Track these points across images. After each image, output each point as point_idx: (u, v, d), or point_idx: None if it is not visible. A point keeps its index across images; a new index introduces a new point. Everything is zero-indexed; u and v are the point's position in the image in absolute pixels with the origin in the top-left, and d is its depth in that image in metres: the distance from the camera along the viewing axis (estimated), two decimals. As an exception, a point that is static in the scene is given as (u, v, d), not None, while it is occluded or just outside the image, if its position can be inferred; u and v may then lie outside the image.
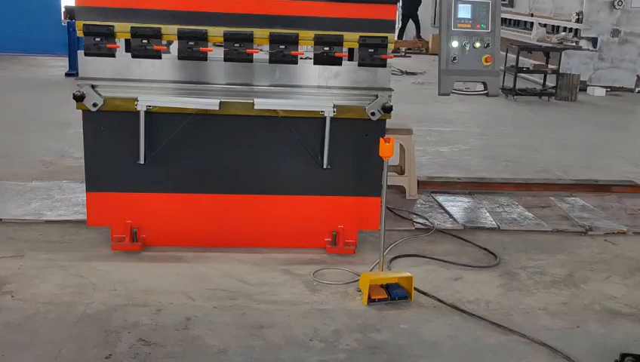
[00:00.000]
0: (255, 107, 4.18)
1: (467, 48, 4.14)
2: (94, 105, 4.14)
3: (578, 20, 13.26)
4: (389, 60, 4.28)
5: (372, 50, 4.21)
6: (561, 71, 12.19)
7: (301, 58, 4.23)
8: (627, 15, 13.16)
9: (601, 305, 4.02)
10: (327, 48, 4.19)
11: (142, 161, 4.22)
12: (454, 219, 5.36)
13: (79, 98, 4.11)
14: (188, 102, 4.18)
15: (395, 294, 3.87)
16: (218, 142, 4.34)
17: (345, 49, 4.25)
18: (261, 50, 4.21)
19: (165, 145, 4.25)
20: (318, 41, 4.18)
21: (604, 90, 12.92)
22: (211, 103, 4.16)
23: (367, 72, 4.28)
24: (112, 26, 4.05)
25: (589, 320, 3.83)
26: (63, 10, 13.29)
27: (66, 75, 11.90)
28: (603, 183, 6.48)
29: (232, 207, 4.44)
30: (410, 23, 19.73)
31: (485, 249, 4.80)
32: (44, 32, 12.83)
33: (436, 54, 4.47)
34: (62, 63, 12.61)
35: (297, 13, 4.14)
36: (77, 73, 4.23)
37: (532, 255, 4.76)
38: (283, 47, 4.15)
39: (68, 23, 12.23)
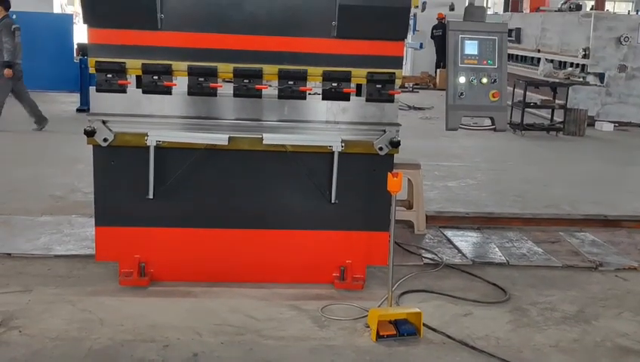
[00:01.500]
0: (264, 142, 4.21)
1: (474, 84, 4.18)
2: (105, 140, 4.18)
3: (585, 56, 13.34)
4: (396, 95, 4.31)
5: (380, 86, 4.25)
6: (568, 106, 12.23)
7: (309, 93, 4.27)
8: (634, 51, 13.24)
9: (612, 342, 3.97)
10: (335, 84, 4.23)
11: (151, 196, 4.24)
12: (463, 254, 5.34)
13: (90, 133, 4.16)
14: (197, 137, 4.21)
15: (403, 330, 3.83)
16: (227, 176, 4.36)
17: (353, 85, 4.28)
18: (270, 85, 4.26)
19: (174, 180, 4.27)
20: (327, 77, 4.22)
21: (612, 125, 12.94)
22: (220, 138, 4.19)
23: (375, 107, 4.31)
24: (124, 62, 4.11)
25: (600, 357, 3.78)
26: (75, 47, 13.49)
27: (78, 110, 12.03)
28: (612, 218, 6.44)
29: (239, 241, 4.44)
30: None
31: (495, 284, 4.77)
32: (56, 69, 13.02)
33: (444, 90, 4.50)
34: (73, 99, 12.76)
35: (306, 49, 4.19)
36: (88, 109, 4.29)
37: (542, 290, 4.72)
38: (292, 83, 4.20)
39: (80, 59, 12.40)
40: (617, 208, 7.02)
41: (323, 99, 4.29)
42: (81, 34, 12.00)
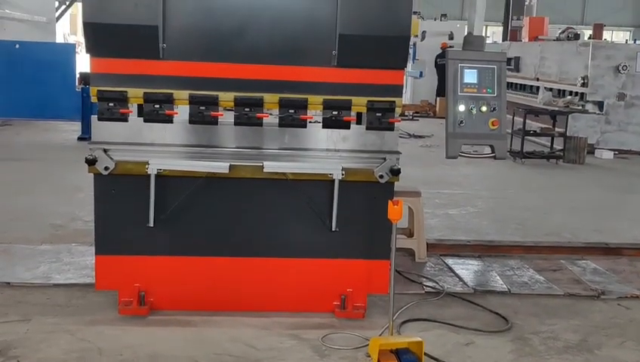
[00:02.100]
0: (264, 170, 4.22)
1: (474, 112, 4.20)
2: (106, 168, 4.19)
3: (584, 84, 13.42)
4: (396, 124, 4.33)
5: (380, 114, 4.27)
6: (568, 134, 12.27)
7: (310, 122, 4.29)
8: (632, 79, 13.32)
9: (616, 371, 3.93)
10: (335, 112, 4.25)
11: (151, 224, 4.23)
12: (464, 283, 5.31)
13: (91, 162, 4.17)
14: (198, 165, 4.22)
15: (405, 359, 3.79)
16: (227, 204, 4.36)
17: (353, 113, 4.31)
18: (270, 114, 4.28)
19: (175, 208, 4.27)
20: (327, 106, 4.25)
21: (612, 152, 12.96)
22: (221, 166, 4.20)
23: (375, 135, 4.33)
24: (126, 91, 4.14)
25: (604, 386, 3.74)
26: (77, 76, 13.58)
27: (79, 139, 12.07)
28: (614, 246, 6.43)
29: (240, 270, 4.42)
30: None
31: (496, 313, 4.74)
32: (58, 98, 13.09)
33: (443, 118, 4.52)
34: (75, 128, 12.82)
35: (306, 78, 4.22)
36: (89, 137, 4.30)
37: (544, 319, 4.69)
38: (292, 111, 4.22)
39: (82, 88, 12.48)
40: (618, 236, 7.00)
41: (323, 127, 4.31)
42: (83, 63, 12.10)
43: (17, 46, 13.55)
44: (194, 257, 4.40)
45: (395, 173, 4.32)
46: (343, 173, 4.26)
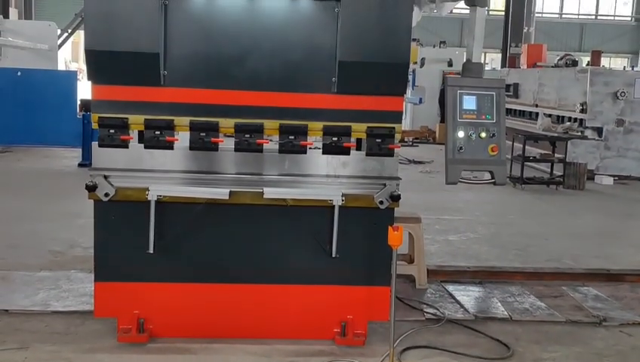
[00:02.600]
0: (264, 196, 4.22)
1: (473, 138, 4.21)
2: (106, 195, 4.19)
3: (582, 110, 13.47)
4: (396, 149, 4.34)
5: (380, 140, 4.28)
6: (567, 160, 12.29)
7: (310, 148, 4.30)
8: (630, 105, 13.38)
9: (619, 399, 3.89)
10: (335, 138, 4.27)
11: (151, 251, 4.22)
12: (465, 309, 5.28)
13: (91, 188, 4.17)
14: (198, 191, 4.22)
15: (406, 387, 3.76)
16: (227, 230, 4.35)
17: (353, 139, 4.32)
18: (271, 140, 4.29)
19: (174, 234, 4.26)
20: (327, 132, 4.26)
21: (612, 178, 12.97)
22: (221, 193, 4.20)
23: (375, 161, 4.34)
24: (126, 118, 4.16)
25: (607, 415, 3.70)
26: (78, 102, 13.65)
27: (79, 165, 12.10)
28: (615, 272, 6.40)
29: (239, 296, 4.40)
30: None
31: (498, 340, 4.70)
32: (59, 125, 13.14)
33: (443, 144, 4.54)
34: (75, 154, 12.85)
35: (306, 105, 4.24)
36: (90, 164, 4.31)
37: (546, 346, 4.65)
38: (292, 137, 4.23)
39: (83, 115, 12.54)
40: (620, 262, 6.98)
41: (323, 153, 4.32)
42: (84, 90, 12.16)
43: (19, 74, 13.63)
44: (193, 284, 4.38)
45: (395, 198, 4.32)
46: (343, 198, 4.26)
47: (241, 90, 4.19)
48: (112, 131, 4.16)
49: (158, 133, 4.17)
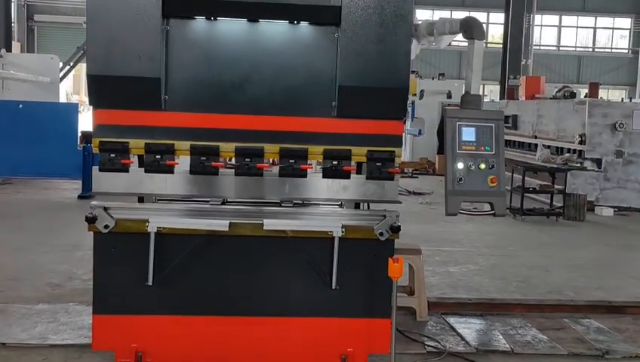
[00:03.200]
0: (264, 228, 4.21)
1: (472, 169, 4.22)
2: (106, 226, 4.19)
3: (581, 142, 13.52)
4: (396, 176, 4.34)
5: (380, 164, 4.29)
6: (567, 191, 12.29)
7: (310, 171, 4.30)
8: (629, 137, 13.44)
9: None
10: (335, 162, 4.27)
11: (150, 283, 4.20)
12: (466, 342, 5.24)
13: (91, 220, 4.16)
14: (198, 223, 4.21)
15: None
16: (227, 262, 4.33)
17: (353, 163, 4.33)
18: (271, 164, 4.30)
19: (174, 266, 4.24)
20: (327, 156, 4.26)
21: (612, 210, 12.96)
22: (221, 224, 4.20)
23: (376, 185, 4.34)
24: (127, 142, 4.17)
25: None
26: (79, 134, 13.71)
27: (79, 197, 12.10)
28: (617, 304, 6.36)
29: (239, 329, 4.36)
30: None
31: (500, 373, 4.66)
32: (59, 156, 13.18)
33: (442, 175, 4.54)
34: (75, 186, 12.86)
35: (307, 129, 4.25)
36: (90, 196, 4.31)
37: (548, 379, 4.60)
38: (293, 161, 4.24)
39: (84, 147, 12.58)
40: (621, 294, 6.94)
41: (324, 177, 4.32)
42: (85, 122, 12.22)
43: (21, 106, 13.72)
44: (192, 316, 4.34)
45: (395, 230, 4.31)
46: (343, 230, 4.25)
47: (242, 115, 4.21)
48: (112, 155, 4.17)
49: (158, 157, 4.18)
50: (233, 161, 4.29)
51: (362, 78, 4.14)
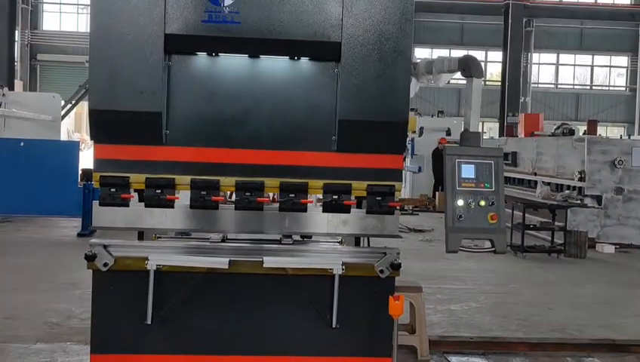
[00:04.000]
0: (264, 265, 4.19)
1: (472, 206, 4.22)
2: (105, 264, 4.16)
3: (581, 179, 13.54)
4: (396, 208, 4.33)
5: (380, 198, 4.29)
6: (568, 228, 12.26)
7: (310, 205, 4.30)
8: (629, 174, 13.47)
9: None
10: (335, 196, 4.27)
11: (149, 321, 4.16)
12: (469, 381, 5.17)
13: (90, 258, 4.14)
14: (197, 261, 4.19)
15: None
16: (226, 299, 4.30)
17: (353, 197, 4.32)
18: (272, 199, 4.29)
19: (173, 304, 4.21)
20: (327, 190, 4.26)
21: (613, 247, 12.91)
22: (220, 262, 4.18)
23: (376, 219, 4.33)
24: (128, 177, 4.17)
25: None
26: (80, 172, 13.74)
27: (79, 235, 12.08)
28: (620, 343, 6.30)
29: (238, 368, 4.31)
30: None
31: (503, 413, 4.59)
32: (59, 194, 13.19)
33: (442, 212, 4.54)
34: (75, 224, 12.85)
35: (307, 163, 4.25)
36: (89, 233, 4.31)
37: (552, 420, 4.53)
38: (293, 195, 4.24)
39: (84, 185, 12.59)
40: (624, 332, 6.87)
41: (324, 211, 4.31)
42: (86, 160, 12.27)
43: (22, 144, 13.78)
44: (191, 355, 4.29)
45: (396, 267, 4.29)
46: (344, 267, 4.23)
47: (242, 149, 4.22)
48: (112, 190, 4.17)
49: (158, 191, 4.18)
50: (233, 197, 4.30)
51: (362, 113, 4.17)
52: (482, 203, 4.21)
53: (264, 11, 4.02)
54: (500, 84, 28.82)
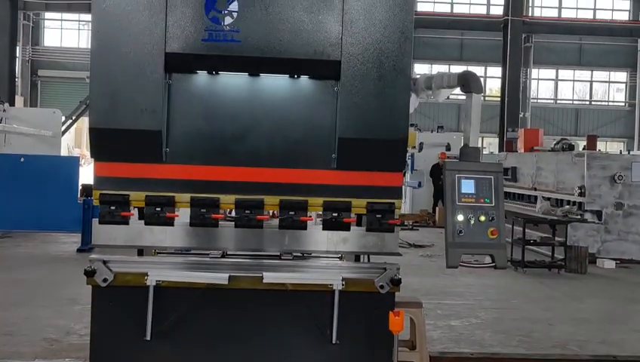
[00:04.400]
0: (264, 281, 4.18)
1: (472, 222, 4.21)
2: (104, 280, 4.15)
3: (581, 194, 13.53)
4: (397, 225, 4.33)
5: (380, 216, 4.29)
6: (568, 243, 12.24)
7: (310, 223, 4.29)
8: (628, 189, 13.46)
9: None
10: (335, 214, 4.27)
11: (148, 337, 4.14)
12: (470, 398, 5.14)
13: (90, 274, 4.14)
14: (197, 276, 4.18)
15: None
16: (226, 315, 4.28)
17: (353, 215, 4.32)
18: (271, 216, 4.29)
19: (173, 320, 4.19)
20: (327, 208, 4.25)
21: (614, 262, 12.88)
22: (220, 278, 4.17)
23: (376, 237, 4.32)
24: (128, 194, 4.17)
25: None
26: (80, 188, 13.74)
27: (78, 250, 12.05)
28: (622, 359, 6.27)
29: (238, 385, 4.28)
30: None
31: None
32: (59, 210, 13.19)
33: (443, 227, 4.53)
34: (74, 239, 12.82)
35: (307, 181, 4.25)
36: (89, 249, 4.30)
37: None
38: (292, 213, 4.24)
39: (84, 200, 12.59)
40: (626, 348, 6.84)
41: (324, 229, 4.30)
42: (86, 175, 12.27)
43: (22, 159, 13.80)
44: (191, 372, 4.27)
45: (396, 283, 4.27)
46: (343, 283, 4.22)
47: (242, 167, 4.22)
48: (112, 208, 4.17)
49: (158, 209, 4.18)
50: (233, 213, 4.30)
51: (362, 130, 4.17)
52: (482, 218, 4.21)
53: (264, 30, 4.04)
54: (499, 99, 28.90)
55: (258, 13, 4.04)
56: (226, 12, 4.03)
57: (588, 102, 37.25)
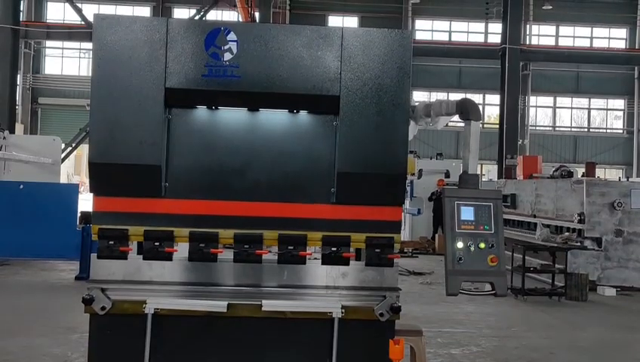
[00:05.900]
0: (263, 308, 4.15)
1: (472, 249, 4.20)
2: (102, 308, 4.13)
3: (580, 221, 13.51)
4: (395, 260, 4.32)
5: (379, 250, 4.27)
6: (568, 270, 12.19)
7: (309, 258, 4.28)
8: (628, 216, 13.44)
9: None
10: (334, 248, 4.26)
11: (145, 366, 4.10)
12: None
13: (88, 301, 4.11)
14: (196, 304, 4.16)
15: None
16: (225, 343, 4.25)
17: (352, 249, 4.31)
18: (270, 250, 4.28)
19: (171, 348, 4.16)
20: (326, 242, 4.25)
21: (615, 289, 12.81)
22: (219, 305, 4.14)
23: (375, 271, 4.31)
24: (127, 229, 4.16)
25: None
26: (79, 215, 13.71)
27: (76, 278, 11.99)
28: (624, 387, 6.21)
29: (236, 414, 4.23)
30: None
31: None
32: (58, 237, 13.15)
33: (442, 254, 4.52)
34: (72, 267, 12.76)
35: (306, 215, 4.26)
36: (87, 277, 4.28)
37: None
38: (291, 247, 4.22)
39: (83, 227, 12.55)
40: (628, 376, 6.78)
41: (323, 263, 4.29)
42: (85, 202, 12.25)
43: (21, 187, 13.79)
44: (189, 401, 4.22)
45: (396, 310, 4.25)
46: (343, 311, 4.20)
47: (241, 201, 4.22)
48: (111, 243, 4.16)
49: (157, 244, 4.17)
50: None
51: (361, 165, 4.18)
52: (482, 245, 4.20)
53: (264, 65, 4.08)
54: (498, 126, 28.99)
55: (257, 49, 4.08)
56: (225, 48, 4.06)
57: (586, 130, 37.39)
